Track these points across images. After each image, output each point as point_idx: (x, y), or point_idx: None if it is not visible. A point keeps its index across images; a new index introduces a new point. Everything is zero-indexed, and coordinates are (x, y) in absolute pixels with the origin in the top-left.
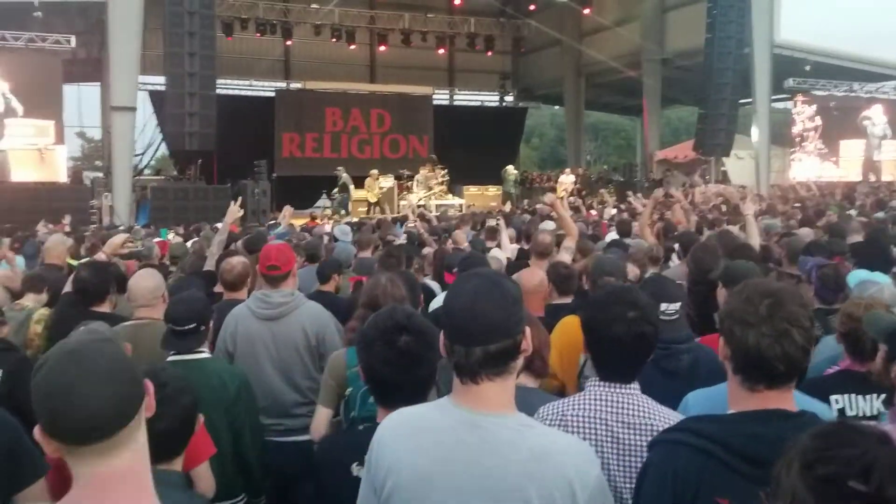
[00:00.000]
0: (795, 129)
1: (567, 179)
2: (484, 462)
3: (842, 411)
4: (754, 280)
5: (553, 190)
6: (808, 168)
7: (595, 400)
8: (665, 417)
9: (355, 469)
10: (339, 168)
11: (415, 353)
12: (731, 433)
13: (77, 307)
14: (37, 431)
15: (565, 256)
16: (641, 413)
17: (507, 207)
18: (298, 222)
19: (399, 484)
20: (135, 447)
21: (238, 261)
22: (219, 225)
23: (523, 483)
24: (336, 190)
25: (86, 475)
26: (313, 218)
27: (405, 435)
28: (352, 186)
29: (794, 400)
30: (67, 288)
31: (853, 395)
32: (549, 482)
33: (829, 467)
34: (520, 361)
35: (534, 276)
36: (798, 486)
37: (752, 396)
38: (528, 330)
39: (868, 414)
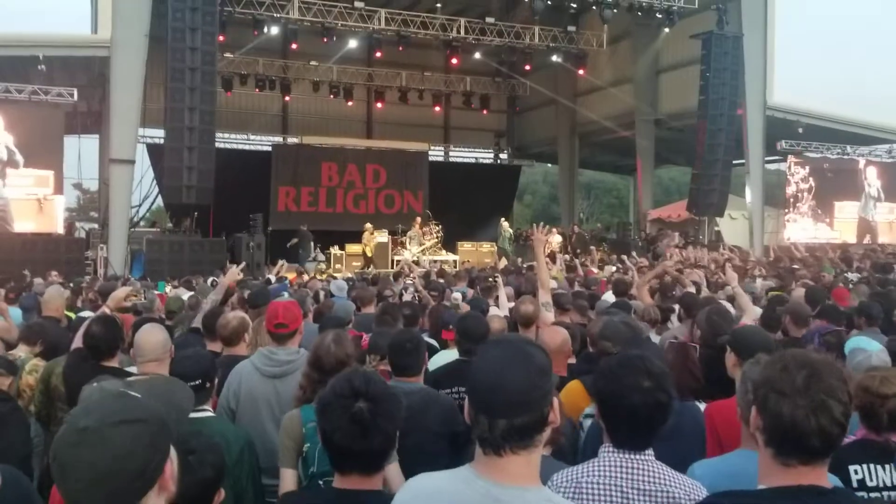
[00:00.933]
0: (789, 190)
1: (554, 240)
2: None
3: (861, 482)
4: (791, 350)
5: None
6: (802, 229)
7: (610, 467)
8: (682, 484)
9: None
10: (303, 226)
11: (369, 420)
12: None
13: (88, 362)
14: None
15: (546, 314)
16: (658, 480)
17: (503, 263)
18: (290, 276)
19: None
20: None
21: (234, 316)
22: (217, 280)
23: None
24: (290, 243)
25: None
26: (299, 273)
27: None
28: (312, 244)
29: (827, 476)
30: (77, 343)
31: (872, 465)
32: None
33: None
34: (546, 434)
35: (556, 335)
36: None
37: (785, 472)
38: (555, 402)
39: (889, 484)
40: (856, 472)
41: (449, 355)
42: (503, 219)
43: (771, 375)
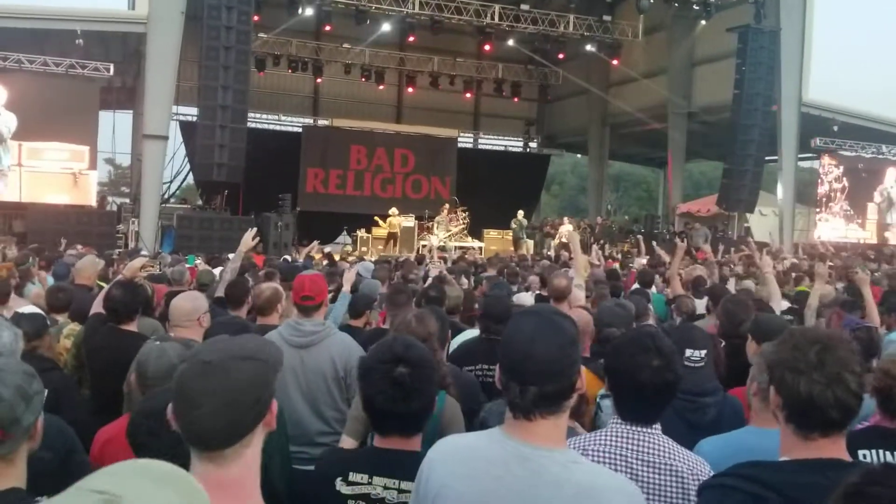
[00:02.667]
0: (822, 189)
1: (565, 229)
2: (531, 495)
3: None
4: (800, 328)
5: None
6: (832, 228)
7: (616, 437)
8: (686, 458)
9: (338, 484)
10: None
11: (410, 384)
12: (788, 482)
13: (105, 325)
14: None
15: (579, 294)
16: (662, 452)
17: (525, 250)
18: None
19: None
20: (243, 461)
21: (268, 286)
22: (230, 255)
23: None
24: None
25: (205, 472)
26: (325, 254)
27: (455, 462)
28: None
29: (845, 449)
30: (96, 308)
31: (882, 451)
32: None
33: (861, 502)
34: (573, 400)
35: (582, 315)
36: None
37: (806, 445)
38: (583, 370)
39: None
40: (864, 456)
41: (471, 334)
42: (520, 211)
43: (784, 355)
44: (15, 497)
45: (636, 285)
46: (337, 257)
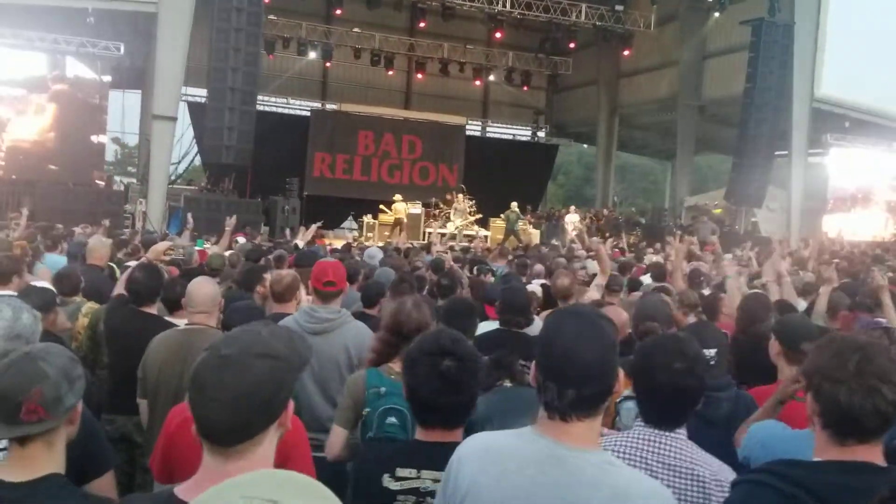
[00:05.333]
0: (831, 185)
1: (571, 219)
2: (565, 497)
3: None
4: (840, 335)
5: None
6: (842, 225)
7: (638, 440)
8: (707, 464)
9: (386, 480)
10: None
11: (456, 378)
12: (821, 482)
13: (127, 306)
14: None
15: (594, 293)
16: (683, 457)
17: (513, 244)
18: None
19: None
20: (253, 460)
21: (287, 272)
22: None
23: None
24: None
25: (214, 466)
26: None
27: (487, 460)
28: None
29: (881, 454)
30: (119, 289)
31: None
32: None
33: None
34: (609, 402)
35: (620, 314)
36: None
37: (842, 449)
38: (621, 373)
39: None
40: None
41: (489, 325)
42: (514, 203)
43: (822, 363)
44: (55, 483)
45: (648, 279)
46: (339, 244)
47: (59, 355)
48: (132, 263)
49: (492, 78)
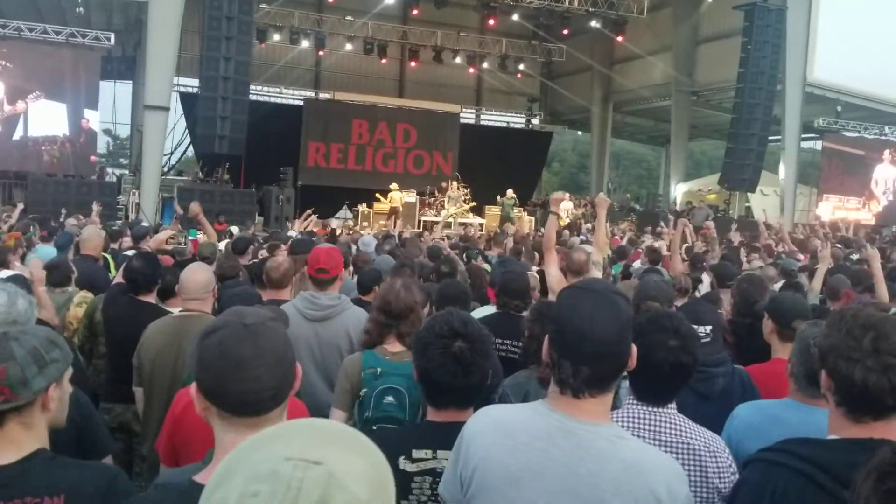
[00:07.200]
0: (824, 169)
1: (565, 206)
2: (576, 469)
3: None
4: (852, 311)
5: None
6: (834, 209)
7: (630, 417)
8: (702, 436)
9: (402, 462)
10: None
11: (468, 359)
12: (836, 460)
13: (125, 295)
14: (193, 389)
15: (595, 272)
16: (678, 431)
17: (512, 230)
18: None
19: (486, 480)
20: (280, 422)
21: (284, 259)
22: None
23: (611, 495)
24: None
25: (230, 442)
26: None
27: (498, 434)
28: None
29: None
30: (119, 277)
31: None
32: (638, 496)
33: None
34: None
35: (627, 289)
36: (870, 497)
37: (857, 427)
38: (634, 349)
39: None
40: None
41: (487, 310)
42: (509, 190)
43: (836, 342)
44: (45, 457)
45: (638, 263)
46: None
47: (33, 336)
48: (131, 253)
49: (485, 65)
